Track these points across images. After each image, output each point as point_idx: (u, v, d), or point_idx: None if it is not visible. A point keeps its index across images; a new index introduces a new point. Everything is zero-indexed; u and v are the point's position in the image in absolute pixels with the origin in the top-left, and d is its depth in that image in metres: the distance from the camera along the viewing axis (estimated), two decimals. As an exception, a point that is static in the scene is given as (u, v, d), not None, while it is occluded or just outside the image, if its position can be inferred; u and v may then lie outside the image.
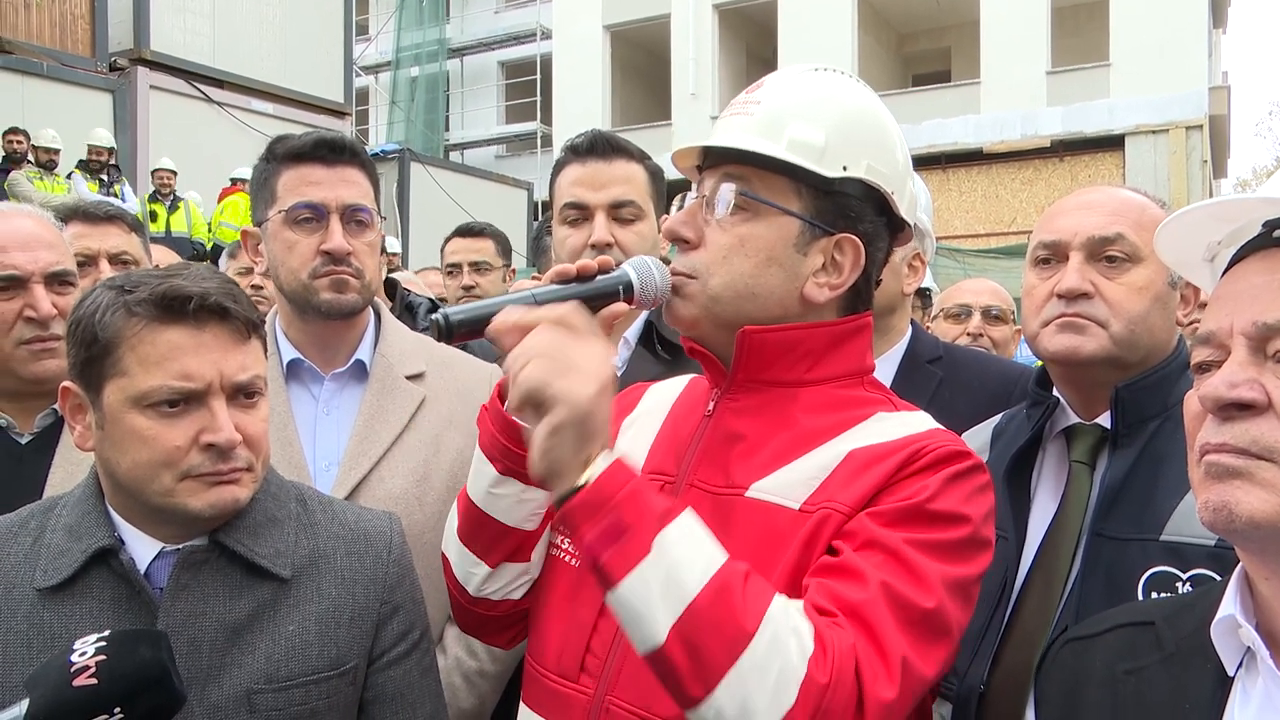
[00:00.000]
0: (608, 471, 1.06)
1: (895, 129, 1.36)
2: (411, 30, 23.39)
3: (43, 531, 1.39)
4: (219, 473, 1.32)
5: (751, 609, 1.02)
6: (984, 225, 18.83)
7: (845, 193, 1.28)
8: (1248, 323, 0.96)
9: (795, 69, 1.36)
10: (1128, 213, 1.59)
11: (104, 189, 10.46)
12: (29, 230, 1.87)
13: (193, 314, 1.30)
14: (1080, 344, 1.55)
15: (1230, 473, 0.94)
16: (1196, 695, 1.03)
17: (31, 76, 11.77)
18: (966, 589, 1.16)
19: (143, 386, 1.29)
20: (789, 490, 1.21)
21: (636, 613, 1.03)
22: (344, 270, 1.90)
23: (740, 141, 1.27)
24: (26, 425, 1.87)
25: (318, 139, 1.94)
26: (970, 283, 3.94)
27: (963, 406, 2.09)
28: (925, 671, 1.09)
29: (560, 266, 1.25)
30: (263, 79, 14.38)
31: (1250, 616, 1.00)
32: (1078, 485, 1.57)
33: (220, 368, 1.32)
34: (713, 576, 1.03)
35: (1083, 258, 1.58)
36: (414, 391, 1.98)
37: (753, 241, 1.26)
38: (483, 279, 3.93)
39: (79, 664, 1.13)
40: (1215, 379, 0.96)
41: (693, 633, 1.01)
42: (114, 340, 1.30)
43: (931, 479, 1.16)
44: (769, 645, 1.01)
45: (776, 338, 1.27)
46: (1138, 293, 1.56)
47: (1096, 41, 18.81)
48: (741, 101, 1.33)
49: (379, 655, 1.45)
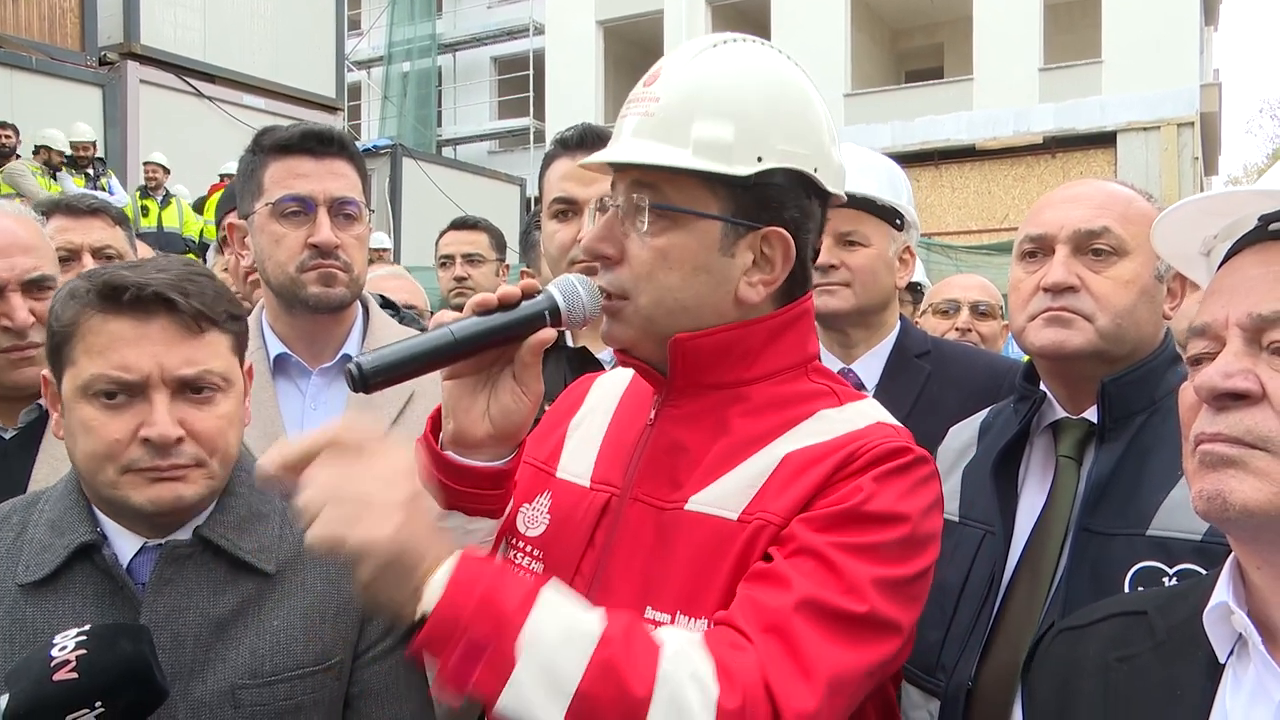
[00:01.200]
0: (443, 596, 1.00)
1: (811, 97, 1.27)
2: (404, 25, 23.29)
3: (25, 526, 1.38)
4: (158, 468, 1.29)
5: (641, 675, 0.99)
6: (977, 222, 18.86)
7: (765, 183, 1.20)
8: (1243, 314, 0.96)
9: (695, 46, 1.26)
10: (1114, 205, 1.58)
11: (90, 183, 10.40)
12: (7, 234, 1.84)
13: (129, 305, 1.28)
14: (1066, 338, 1.55)
15: (1225, 462, 0.94)
16: (1188, 683, 1.03)
17: (20, 70, 11.69)
18: (906, 588, 1.14)
19: (85, 376, 1.28)
20: (726, 500, 1.18)
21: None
22: (332, 264, 1.89)
23: (641, 154, 1.20)
24: (10, 421, 1.85)
25: (305, 131, 1.92)
26: (958, 278, 3.98)
27: (951, 401, 2.10)
28: (855, 675, 1.06)
29: (480, 296, 1.21)
30: (254, 74, 14.30)
31: (1242, 605, 1.00)
32: (1064, 480, 1.57)
33: (160, 360, 1.28)
34: (591, 656, 0.99)
35: (1069, 251, 1.57)
36: (401, 387, 1.96)
37: (675, 252, 1.20)
38: (475, 271, 3.93)
39: (59, 658, 1.12)
40: (1210, 369, 0.96)
41: (589, 718, 0.98)
42: (68, 330, 1.30)
43: (865, 479, 1.14)
44: (667, 706, 0.98)
45: (710, 342, 1.23)
46: (1124, 286, 1.55)
47: (1089, 38, 18.85)
48: (640, 97, 1.24)
49: (364, 650, 1.45)
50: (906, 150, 18.54)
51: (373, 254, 7.91)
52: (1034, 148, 18.78)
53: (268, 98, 14.37)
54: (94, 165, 10.87)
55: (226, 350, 1.37)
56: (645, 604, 1.18)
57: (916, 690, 1.60)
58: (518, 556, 1.35)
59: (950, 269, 9.78)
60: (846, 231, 2.19)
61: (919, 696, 1.60)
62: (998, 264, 9.93)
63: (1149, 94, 17.68)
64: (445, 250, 4.07)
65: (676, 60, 1.25)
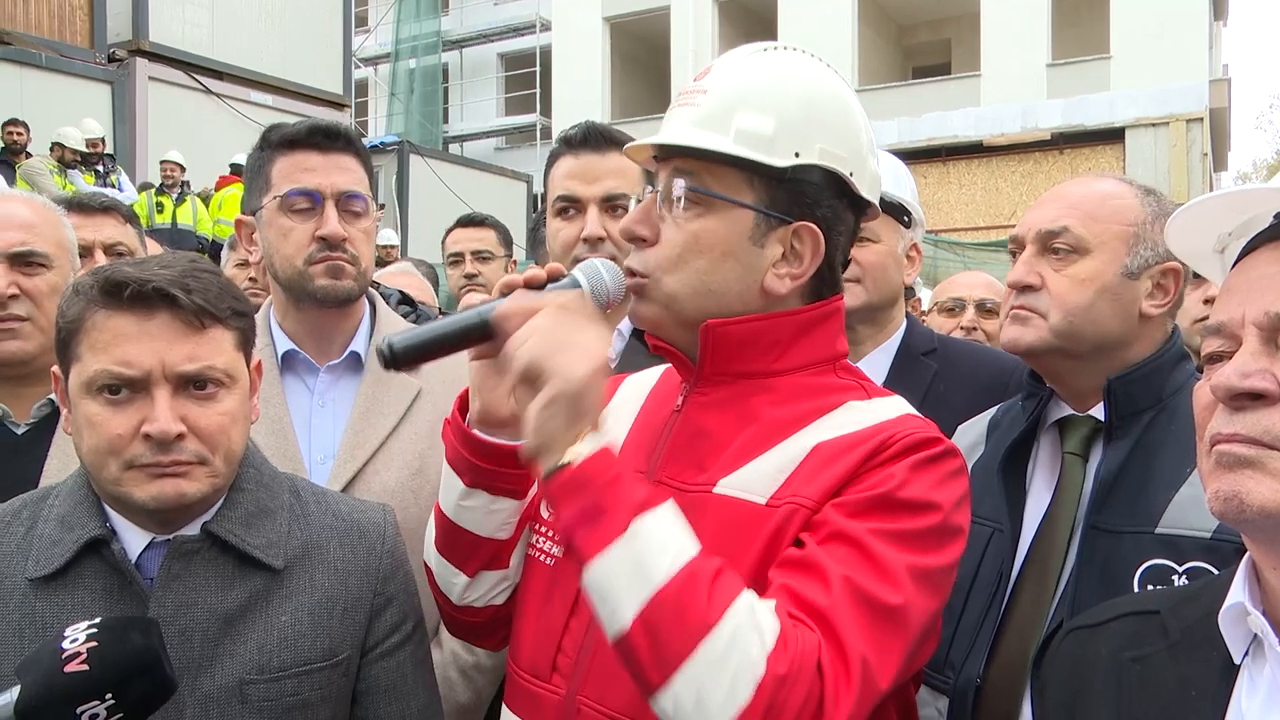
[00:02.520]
0: (595, 454, 1.06)
1: (853, 106, 1.30)
2: (410, 21, 23.30)
3: (35, 521, 1.39)
4: (159, 464, 1.29)
5: (716, 602, 1.01)
6: (984, 218, 18.81)
7: (800, 179, 1.23)
8: (1259, 312, 0.96)
9: (745, 50, 1.31)
10: (1084, 205, 1.61)
11: (100, 180, 10.43)
12: (5, 213, 1.86)
13: (130, 301, 1.28)
14: (1020, 334, 1.60)
15: (1241, 462, 0.94)
16: (1202, 683, 1.03)
17: (30, 67, 11.73)
18: (937, 579, 1.14)
19: (89, 371, 1.29)
20: (755, 485, 1.19)
21: (605, 594, 1.03)
22: (339, 256, 1.89)
23: (684, 137, 1.24)
24: (23, 415, 1.86)
25: (312, 126, 1.93)
26: (964, 276, 3.94)
27: (958, 399, 2.09)
28: (882, 676, 1.06)
29: (508, 278, 1.25)
30: (261, 70, 14.33)
31: (1258, 605, 1.00)
32: (1070, 477, 1.57)
33: (163, 356, 1.29)
34: (682, 567, 1.02)
35: (1035, 250, 1.62)
36: (410, 384, 1.97)
37: (706, 237, 1.23)
38: (485, 268, 3.93)
39: (70, 650, 1.12)
40: (1227, 369, 0.96)
41: (656, 620, 1.01)
42: (74, 326, 1.31)
43: (899, 466, 1.14)
44: (729, 639, 1.00)
45: (740, 330, 1.25)
46: (1080, 284, 1.58)
47: (1097, 34, 18.77)
48: (689, 91, 1.28)
49: (372, 646, 1.45)
50: (913, 146, 18.50)
51: (380, 251, 7.92)
52: (1042, 144, 18.72)
53: (275, 94, 14.39)
54: (103, 162, 10.90)
55: (230, 346, 1.37)
56: None
57: (925, 687, 1.60)
58: (540, 541, 1.36)
59: (957, 266, 9.75)
60: None
61: (927, 694, 1.59)
62: (1005, 261, 9.88)
63: (1157, 89, 17.60)
64: (454, 248, 4.07)
65: (727, 60, 1.30)
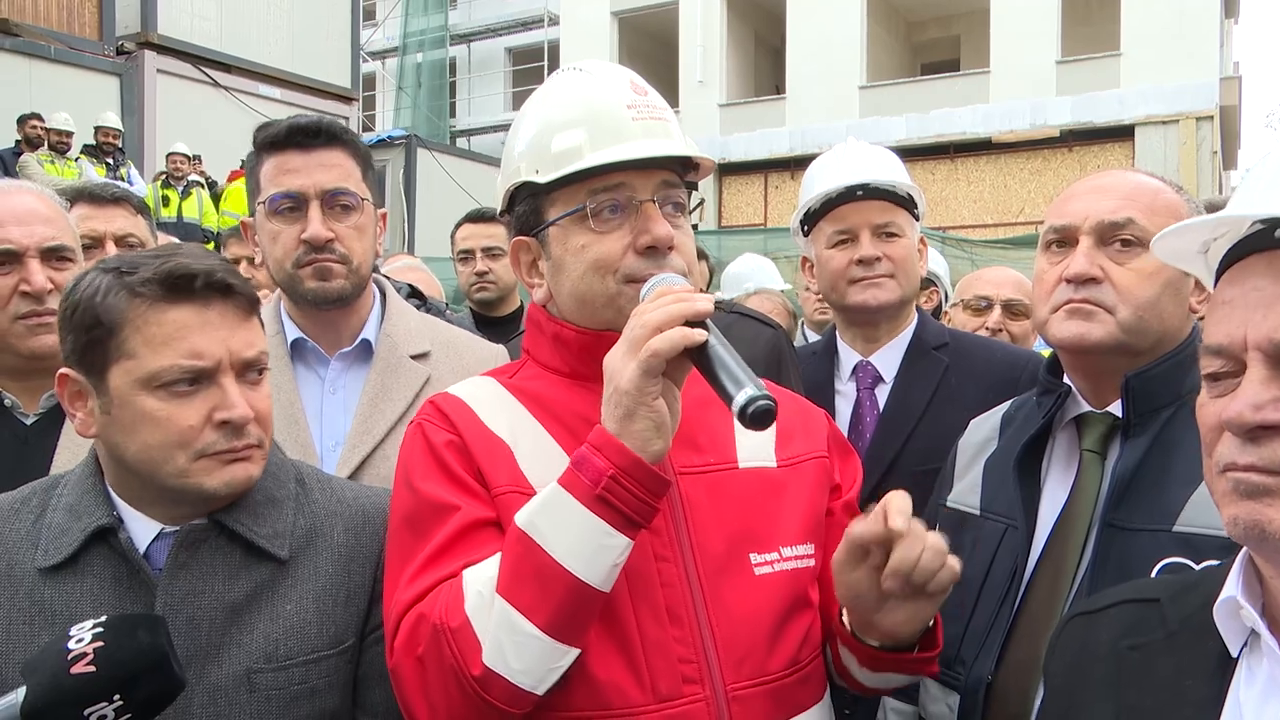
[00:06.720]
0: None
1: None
2: (418, 16, 23.26)
3: (44, 510, 1.38)
4: (234, 450, 1.32)
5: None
6: (992, 215, 18.77)
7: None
8: (1264, 338, 0.94)
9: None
10: (1140, 197, 1.56)
11: (111, 172, 10.45)
12: (27, 205, 1.86)
13: (199, 292, 1.30)
14: (1087, 330, 1.52)
15: (1261, 491, 0.93)
16: (1200, 673, 1.03)
17: (38, 59, 11.76)
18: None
19: (152, 367, 1.28)
20: (757, 453, 1.38)
21: None
22: (326, 257, 1.87)
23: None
24: (32, 406, 1.86)
25: (291, 125, 1.90)
26: (990, 272, 3.55)
27: (970, 393, 2.08)
28: None
29: (704, 304, 1.25)
30: (270, 64, 14.35)
31: (1253, 600, 1.00)
32: (1088, 475, 1.54)
33: (228, 345, 1.32)
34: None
35: (1093, 242, 1.54)
36: (419, 370, 1.96)
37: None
38: (496, 264, 3.91)
39: (76, 651, 1.10)
40: (1239, 402, 0.94)
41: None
42: (118, 322, 1.29)
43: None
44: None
45: None
46: (1148, 278, 1.52)
47: (1107, 31, 18.69)
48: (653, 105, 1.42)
49: (370, 632, 1.45)
50: (922, 143, 18.46)
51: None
52: (1051, 141, 18.66)
53: (283, 88, 14.41)
54: (115, 155, 10.93)
55: (264, 334, 1.42)
56: (747, 553, 1.34)
57: (935, 684, 1.59)
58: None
59: (965, 263, 9.72)
60: (884, 223, 2.17)
61: (938, 690, 1.58)
62: (1013, 258, 9.86)
63: (1168, 87, 17.53)
64: (464, 245, 4.03)
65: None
